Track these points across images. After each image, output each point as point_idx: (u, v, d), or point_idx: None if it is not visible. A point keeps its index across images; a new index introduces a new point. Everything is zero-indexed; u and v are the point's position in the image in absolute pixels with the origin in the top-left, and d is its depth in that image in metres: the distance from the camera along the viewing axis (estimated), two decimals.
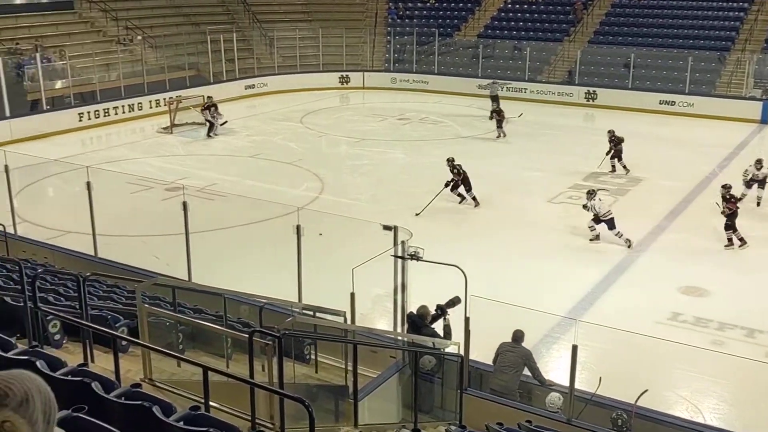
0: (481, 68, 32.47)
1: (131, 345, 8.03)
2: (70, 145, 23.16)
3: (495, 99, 27.76)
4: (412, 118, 27.70)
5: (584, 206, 15.49)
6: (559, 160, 21.54)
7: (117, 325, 8.38)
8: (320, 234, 13.96)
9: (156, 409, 4.39)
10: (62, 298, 8.89)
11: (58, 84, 26.43)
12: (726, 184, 15.64)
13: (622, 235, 15.05)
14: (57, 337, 7.78)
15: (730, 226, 15.08)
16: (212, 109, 24.62)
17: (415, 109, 29.18)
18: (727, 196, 15.28)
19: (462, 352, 8.84)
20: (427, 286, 10.21)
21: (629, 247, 14.95)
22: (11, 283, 8.49)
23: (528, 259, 14.39)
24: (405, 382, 9.15)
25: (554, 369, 9.93)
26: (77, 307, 8.03)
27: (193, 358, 7.22)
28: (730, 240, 15.09)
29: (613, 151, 20.26)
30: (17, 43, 26.61)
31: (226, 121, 25.12)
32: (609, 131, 20.58)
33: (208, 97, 25.38)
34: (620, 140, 20.24)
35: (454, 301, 9.58)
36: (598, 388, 8.22)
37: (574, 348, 7.72)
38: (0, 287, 8.26)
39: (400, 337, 9.72)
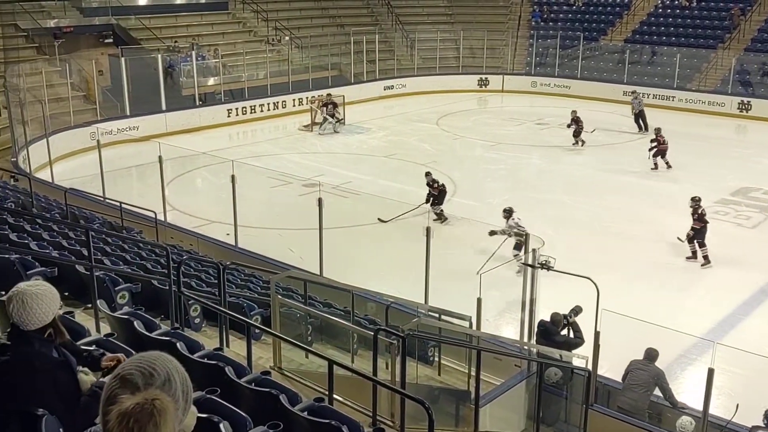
0: (627, 74, 31.36)
1: (263, 333, 8.38)
2: (218, 139, 24.35)
3: (641, 115, 25.58)
4: (551, 124, 27.13)
5: (491, 232, 13.37)
6: (706, 173, 20.48)
7: (252, 313, 8.77)
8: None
9: (283, 398, 4.57)
10: (203, 284, 9.40)
11: (211, 81, 27.87)
12: (695, 197, 14.67)
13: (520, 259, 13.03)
14: (197, 320, 8.24)
15: (702, 244, 14.23)
16: (329, 106, 25.27)
17: (555, 114, 28.51)
18: (692, 211, 14.46)
19: (590, 367, 8.61)
20: (555, 296, 10.02)
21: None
22: (159, 267, 9.05)
23: (666, 275, 13.78)
24: (529, 392, 9.02)
25: (688, 392, 9.47)
26: (216, 293, 8.45)
27: (320, 350, 7.45)
28: (694, 253, 14.28)
29: (656, 149, 20.64)
30: (176, 42, 28.30)
31: (339, 120, 25.55)
32: (656, 129, 20.91)
33: (327, 94, 26.04)
34: (664, 139, 20.65)
35: (576, 311, 9.38)
36: (735, 415, 7.78)
37: (710, 371, 7.35)
38: (149, 270, 8.82)
39: (526, 347, 9.59)
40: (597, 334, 8.37)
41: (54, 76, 23.58)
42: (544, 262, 8.75)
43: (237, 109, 27.09)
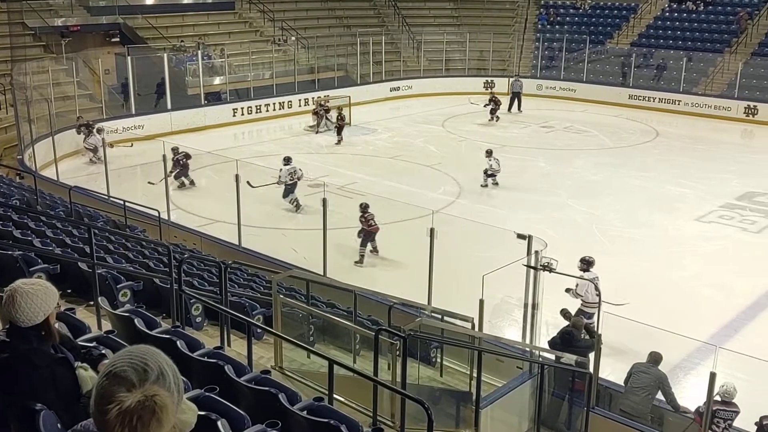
0: (633, 78, 31.32)
1: (265, 333, 8.37)
2: (223, 138, 24.36)
3: (516, 97, 29.29)
4: (556, 127, 27.11)
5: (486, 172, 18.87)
6: (711, 177, 20.44)
7: (254, 312, 8.77)
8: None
9: (282, 397, 4.57)
10: (206, 283, 9.40)
11: (216, 80, 27.91)
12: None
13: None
14: (198, 319, 8.24)
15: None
16: (321, 110, 25.35)
17: (560, 117, 28.54)
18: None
19: (591, 370, 8.59)
20: (557, 298, 10.01)
21: None
22: (161, 265, 9.06)
23: (668, 279, 13.74)
24: (532, 394, 9.00)
25: (691, 397, 9.44)
26: (218, 292, 8.45)
27: (322, 351, 7.44)
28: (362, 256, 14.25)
29: (493, 105, 26.60)
30: (182, 41, 28.34)
31: (328, 120, 25.69)
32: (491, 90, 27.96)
33: (318, 97, 26.01)
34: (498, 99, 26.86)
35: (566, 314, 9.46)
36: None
37: (712, 375, 7.33)
38: (151, 269, 8.83)
39: (528, 348, 9.57)
40: (599, 337, 8.36)
41: (60, 74, 23.65)
42: (546, 264, 8.74)
43: (242, 108, 27.12)
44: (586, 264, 11.23)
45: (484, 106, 27.03)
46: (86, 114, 22.94)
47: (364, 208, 14.35)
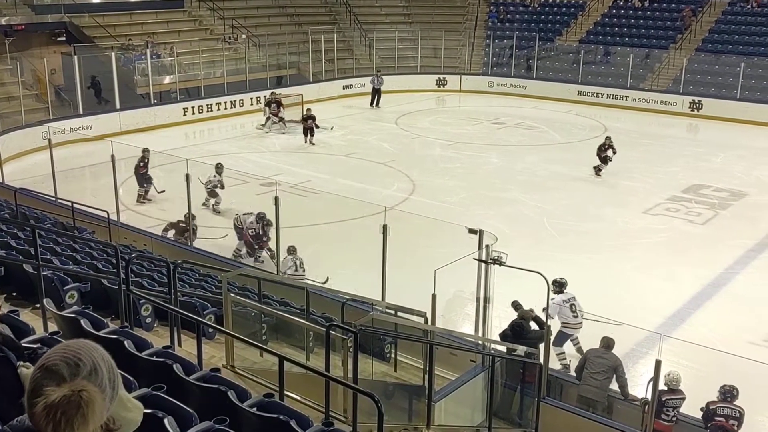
0: (582, 74, 31.82)
1: (217, 333, 8.31)
2: (174, 138, 24.05)
3: (377, 92, 29.75)
4: (508, 123, 27.42)
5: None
6: (658, 170, 20.89)
7: (205, 312, 8.69)
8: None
9: (231, 394, 4.54)
10: (155, 284, 9.29)
11: (166, 79, 27.53)
12: None
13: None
14: (148, 320, 8.13)
15: None
16: (273, 105, 25.19)
17: (512, 113, 28.88)
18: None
19: (541, 360, 8.72)
20: (509, 291, 10.13)
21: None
22: (110, 267, 8.92)
23: (617, 270, 14.02)
24: (485, 387, 9.10)
25: (639, 385, 9.64)
26: (168, 292, 8.36)
27: (275, 349, 7.41)
28: None
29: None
30: (130, 39, 27.89)
31: (282, 119, 25.35)
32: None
33: (271, 93, 25.89)
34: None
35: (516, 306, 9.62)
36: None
37: (658, 363, 7.51)
38: (99, 270, 8.70)
39: (480, 341, 9.67)
40: (548, 328, 8.49)
41: (5, 74, 23.11)
42: (496, 257, 8.84)
43: (193, 107, 26.81)
44: (558, 286, 10.65)
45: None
46: (33, 115, 22.47)
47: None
